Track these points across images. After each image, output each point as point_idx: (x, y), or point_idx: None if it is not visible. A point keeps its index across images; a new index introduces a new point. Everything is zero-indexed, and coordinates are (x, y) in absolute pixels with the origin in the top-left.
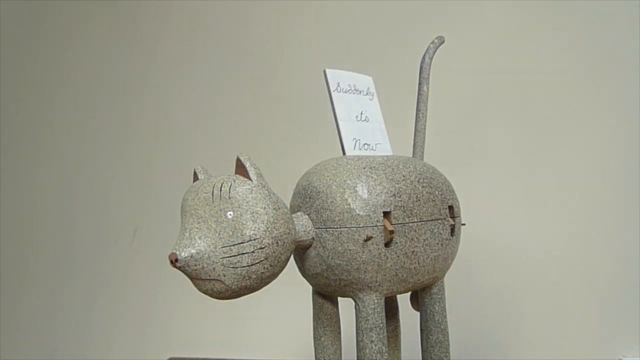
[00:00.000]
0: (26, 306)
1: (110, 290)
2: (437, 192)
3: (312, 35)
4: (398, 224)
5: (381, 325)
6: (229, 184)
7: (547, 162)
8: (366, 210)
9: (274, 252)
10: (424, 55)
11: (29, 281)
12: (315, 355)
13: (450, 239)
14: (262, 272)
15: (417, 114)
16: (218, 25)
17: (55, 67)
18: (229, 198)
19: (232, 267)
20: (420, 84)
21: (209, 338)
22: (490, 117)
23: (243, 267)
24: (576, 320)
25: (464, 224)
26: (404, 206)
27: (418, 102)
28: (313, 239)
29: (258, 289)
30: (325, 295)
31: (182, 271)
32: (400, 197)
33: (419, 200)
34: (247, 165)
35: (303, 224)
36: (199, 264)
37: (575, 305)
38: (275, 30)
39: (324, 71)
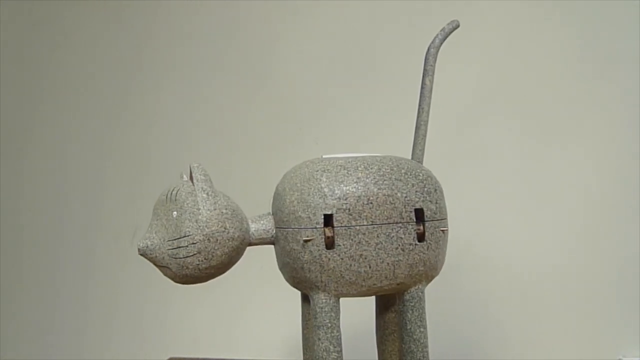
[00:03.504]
0: (24, 306)
1: (110, 289)
2: (398, 195)
3: (313, 34)
4: (341, 226)
5: (329, 324)
6: (177, 188)
7: (548, 161)
8: (307, 213)
9: (206, 247)
10: (431, 42)
11: (27, 280)
12: (303, 355)
13: (416, 245)
14: (197, 264)
15: (418, 110)
16: (218, 24)
17: (53, 67)
18: (175, 200)
19: (175, 258)
20: (423, 75)
21: (209, 338)
22: (489, 118)
23: (180, 258)
24: (576, 320)
25: (444, 230)
26: (349, 209)
27: (420, 97)
28: (273, 236)
29: (206, 278)
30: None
31: (145, 258)
32: (346, 199)
33: (371, 203)
34: (193, 172)
35: (264, 223)
36: (153, 253)
37: (575, 305)
38: (276, 29)
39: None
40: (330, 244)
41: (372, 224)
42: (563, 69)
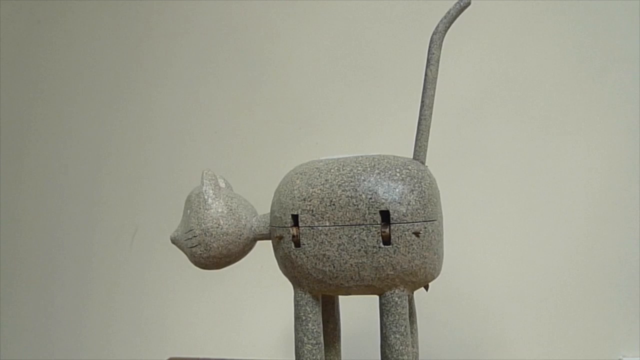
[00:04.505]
0: (24, 306)
1: (109, 289)
2: (363, 197)
3: (313, 34)
4: (306, 226)
5: (303, 317)
6: (193, 191)
7: (548, 161)
8: (280, 213)
9: (203, 240)
10: (435, 28)
11: (27, 281)
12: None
13: (380, 248)
14: (200, 253)
15: (421, 103)
16: (217, 24)
17: (53, 67)
18: (190, 200)
19: (188, 247)
20: (426, 65)
21: (209, 338)
22: (489, 118)
23: (189, 247)
24: (576, 320)
25: (416, 234)
26: (313, 210)
27: (423, 89)
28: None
29: (212, 266)
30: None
31: (175, 246)
32: (310, 201)
33: (334, 204)
34: (202, 177)
35: (263, 221)
36: (178, 243)
37: (575, 305)
38: (276, 29)
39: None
40: (297, 242)
41: (334, 225)
42: (563, 68)
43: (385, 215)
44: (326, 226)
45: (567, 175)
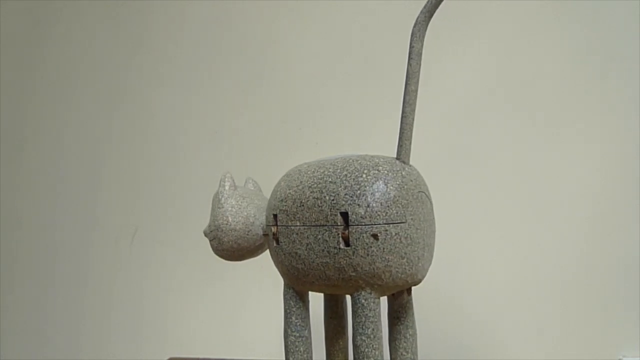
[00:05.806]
0: (24, 306)
1: (109, 290)
2: (326, 198)
3: (313, 33)
4: (282, 225)
5: (288, 311)
6: (215, 192)
7: (548, 161)
8: (267, 212)
9: (217, 234)
10: (415, 20)
11: (26, 281)
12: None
13: (341, 249)
14: (216, 246)
15: (402, 100)
16: (217, 24)
17: (53, 66)
18: (212, 200)
19: (209, 240)
20: (408, 59)
21: (209, 338)
22: (488, 117)
23: (209, 240)
24: (576, 321)
25: (374, 236)
26: (287, 210)
27: (404, 84)
28: None
29: (227, 257)
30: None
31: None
32: (286, 202)
33: (303, 205)
34: (220, 179)
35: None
36: (206, 236)
37: (575, 305)
38: (276, 29)
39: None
40: (276, 240)
41: (303, 225)
42: (563, 68)
43: (345, 217)
44: (297, 226)
45: (566, 175)
